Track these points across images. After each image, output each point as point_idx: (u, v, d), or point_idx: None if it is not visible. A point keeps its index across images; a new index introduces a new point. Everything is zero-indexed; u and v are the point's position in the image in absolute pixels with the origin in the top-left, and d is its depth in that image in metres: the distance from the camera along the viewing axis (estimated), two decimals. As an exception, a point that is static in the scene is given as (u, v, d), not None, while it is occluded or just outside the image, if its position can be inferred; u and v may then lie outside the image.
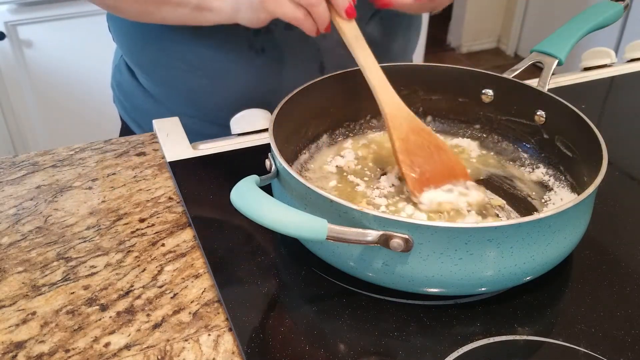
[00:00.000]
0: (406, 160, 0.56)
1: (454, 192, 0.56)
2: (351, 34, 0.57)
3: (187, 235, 0.56)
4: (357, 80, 0.64)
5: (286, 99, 0.57)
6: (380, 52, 0.77)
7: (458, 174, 0.57)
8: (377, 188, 0.59)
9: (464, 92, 0.66)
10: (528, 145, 0.64)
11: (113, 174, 0.64)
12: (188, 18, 0.65)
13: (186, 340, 0.45)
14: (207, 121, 0.78)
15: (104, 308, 0.48)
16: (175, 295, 0.49)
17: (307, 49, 0.72)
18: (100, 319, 0.47)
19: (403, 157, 0.56)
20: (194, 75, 0.74)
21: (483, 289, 0.46)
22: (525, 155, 0.64)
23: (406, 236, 0.42)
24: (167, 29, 0.72)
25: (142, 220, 0.57)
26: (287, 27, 0.70)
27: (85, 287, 0.50)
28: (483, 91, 0.64)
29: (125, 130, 0.87)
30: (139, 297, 0.49)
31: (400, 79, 0.66)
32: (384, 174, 0.61)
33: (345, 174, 0.61)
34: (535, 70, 0.62)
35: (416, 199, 0.55)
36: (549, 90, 0.60)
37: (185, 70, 0.74)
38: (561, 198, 0.58)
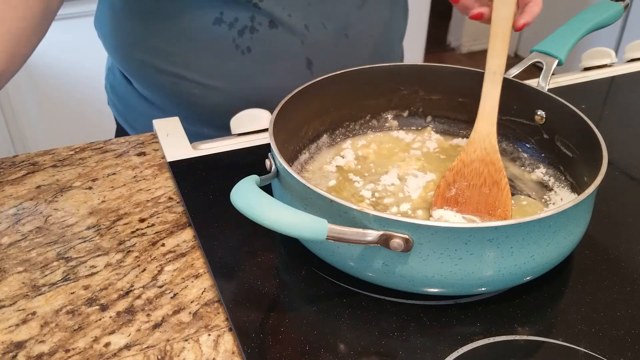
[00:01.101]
0: (449, 178, 0.57)
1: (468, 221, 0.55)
2: (492, 66, 0.58)
3: (187, 235, 0.56)
4: (357, 81, 0.65)
5: (286, 99, 0.57)
6: (361, 41, 0.77)
7: (495, 214, 0.55)
8: (376, 188, 0.59)
9: (464, 92, 0.66)
10: (528, 145, 0.64)
11: (113, 174, 0.64)
12: None
13: (186, 340, 0.45)
14: (201, 122, 0.78)
15: (104, 308, 0.48)
16: (175, 295, 0.49)
17: (293, 46, 0.72)
18: (100, 319, 0.47)
19: (448, 174, 0.57)
20: (183, 77, 0.74)
21: (483, 289, 0.46)
22: (525, 155, 0.64)
23: (406, 236, 0.42)
24: (153, 32, 0.72)
25: (142, 220, 0.57)
26: (272, 25, 0.70)
27: (85, 287, 0.50)
28: (483, 91, 0.64)
29: (120, 132, 0.87)
30: (139, 297, 0.49)
31: (400, 79, 0.66)
32: (385, 173, 0.61)
33: (345, 173, 0.61)
34: (535, 70, 0.62)
35: (431, 210, 0.56)
36: (549, 90, 0.60)
37: (173, 74, 0.74)
38: (561, 198, 0.58)
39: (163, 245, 0.54)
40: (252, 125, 0.70)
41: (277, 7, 0.70)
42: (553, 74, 0.62)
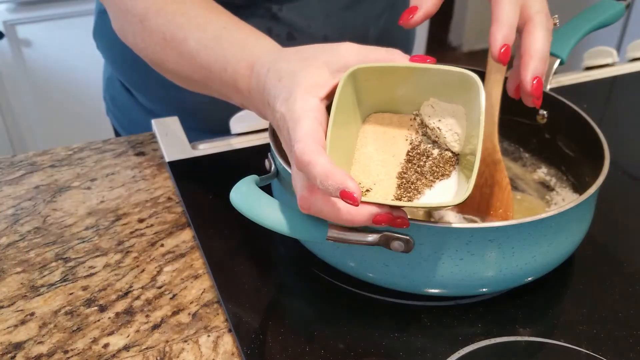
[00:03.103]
0: None
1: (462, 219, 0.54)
2: (493, 65, 0.56)
3: (187, 236, 0.55)
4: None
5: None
6: (386, 47, 0.76)
7: (496, 215, 0.55)
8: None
9: (464, 91, 0.65)
10: (530, 145, 0.63)
11: (112, 174, 0.64)
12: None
13: (185, 341, 0.45)
14: (213, 133, 0.76)
15: (102, 309, 0.48)
16: (174, 296, 0.49)
17: None
18: (99, 320, 0.47)
19: None
20: (193, 91, 0.72)
21: (484, 289, 0.46)
22: (527, 155, 0.63)
23: (407, 237, 0.42)
24: None
25: (141, 221, 0.57)
26: (290, 37, 0.69)
27: (84, 288, 0.50)
28: (484, 90, 0.64)
29: None
30: (138, 297, 0.49)
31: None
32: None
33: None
34: (537, 69, 0.62)
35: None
36: (551, 89, 0.60)
37: (183, 88, 0.71)
38: (563, 198, 0.57)
39: (162, 245, 0.54)
40: (252, 125, 0.70)
41: (297, 17, 0.69)
42: (555, 74, 0.61)
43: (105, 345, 0.45)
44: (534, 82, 0.44)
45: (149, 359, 0.44)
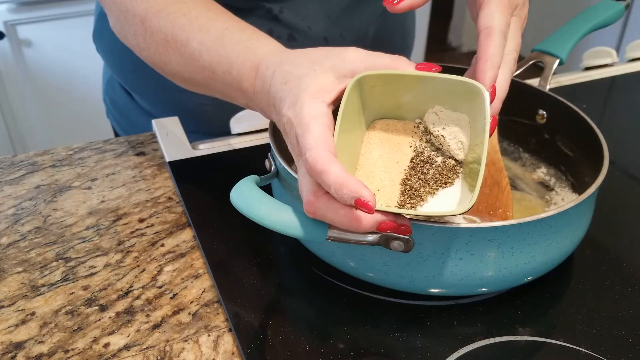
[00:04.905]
0: None
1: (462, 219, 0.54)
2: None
3: (187, 236, 0.55)
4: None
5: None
6: (379, 50, 0.76)
7: (495, 214, 0.54)
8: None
9: (464, 91, 0.65)
10: (529, 145, 0.63)
11: (112, 174, 0.64)
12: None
13: (186, 340, 0.45)
14: (213, 136, 0.76)
15: (103, 308, 0.48)
16: (174, 295, 0.49)
17: None
18: (99, 320, 0.47)
19: None
20: (194, 93, 0.72)
21: (484, 289, 0.46)
22: (526, 155, 0.63)
23: (406, 236, 0.42)
24: None
25: (141, 221, 0.57)
26: (290, 38, 0.69)
27: (85, 288, 0.50)
28: (484, 91, 0.64)
29: None
30: (138, 297, 0.49)
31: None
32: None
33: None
34: (536, 69, 0.62)
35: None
36: (550, 89, 0.60)
37: (184, 90, 0.71)
38: (562, 198, 0.57)
39: (162, 245, 0.54)
40: (252, 125, 0.70)
41: (298, 19, 0.69)
42: (554, 74, 0.62)
43: (106, 345, 0.45)
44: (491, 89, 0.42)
45: (149, 358, 0.44)
